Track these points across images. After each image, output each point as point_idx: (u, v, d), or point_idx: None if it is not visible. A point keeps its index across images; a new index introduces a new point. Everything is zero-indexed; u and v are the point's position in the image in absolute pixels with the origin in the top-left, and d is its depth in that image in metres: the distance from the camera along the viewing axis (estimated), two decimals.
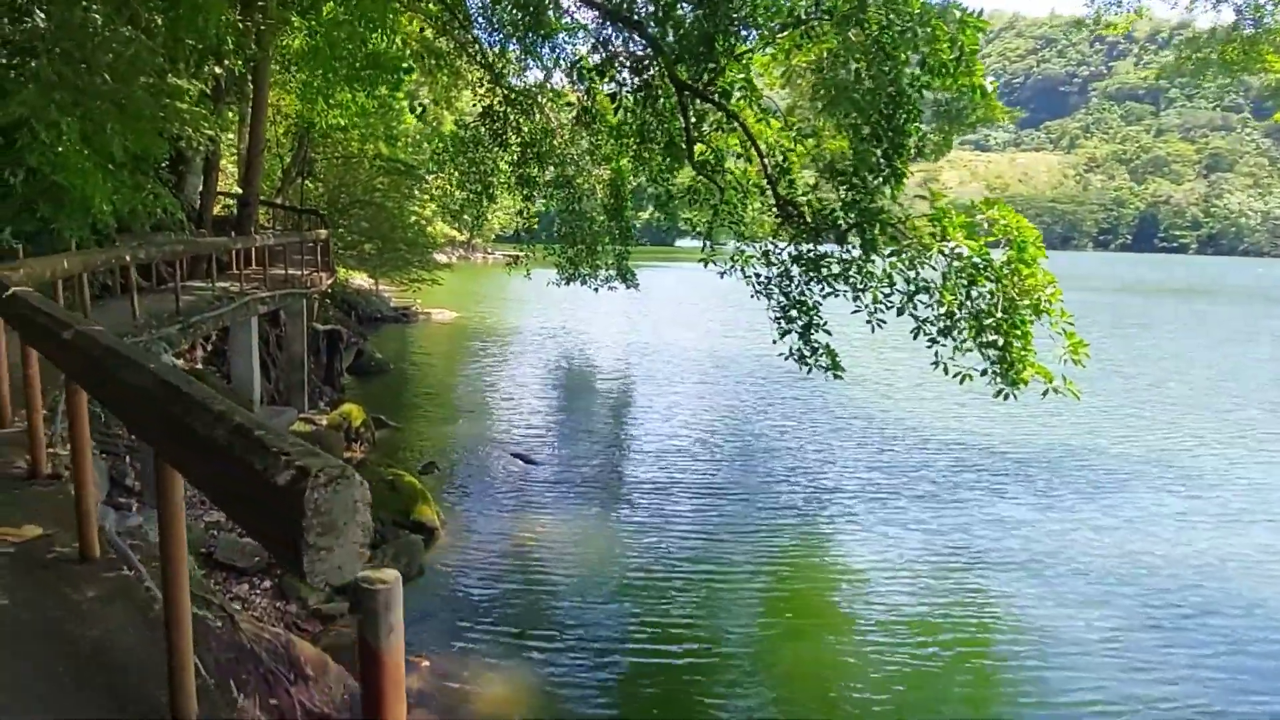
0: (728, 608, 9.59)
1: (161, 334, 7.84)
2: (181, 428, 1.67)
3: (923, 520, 12.25)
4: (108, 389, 2.20)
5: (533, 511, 11.96)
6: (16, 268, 4.89)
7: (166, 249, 9.23)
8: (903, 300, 12.35)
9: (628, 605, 9.38)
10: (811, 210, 12.81)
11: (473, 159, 27.21)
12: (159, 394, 1.81)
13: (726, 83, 13.65)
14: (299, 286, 13.00)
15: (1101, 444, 16.37)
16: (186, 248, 9.99)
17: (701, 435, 16.39)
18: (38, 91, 9.02)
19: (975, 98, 12.05)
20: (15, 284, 4.02)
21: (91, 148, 10.52)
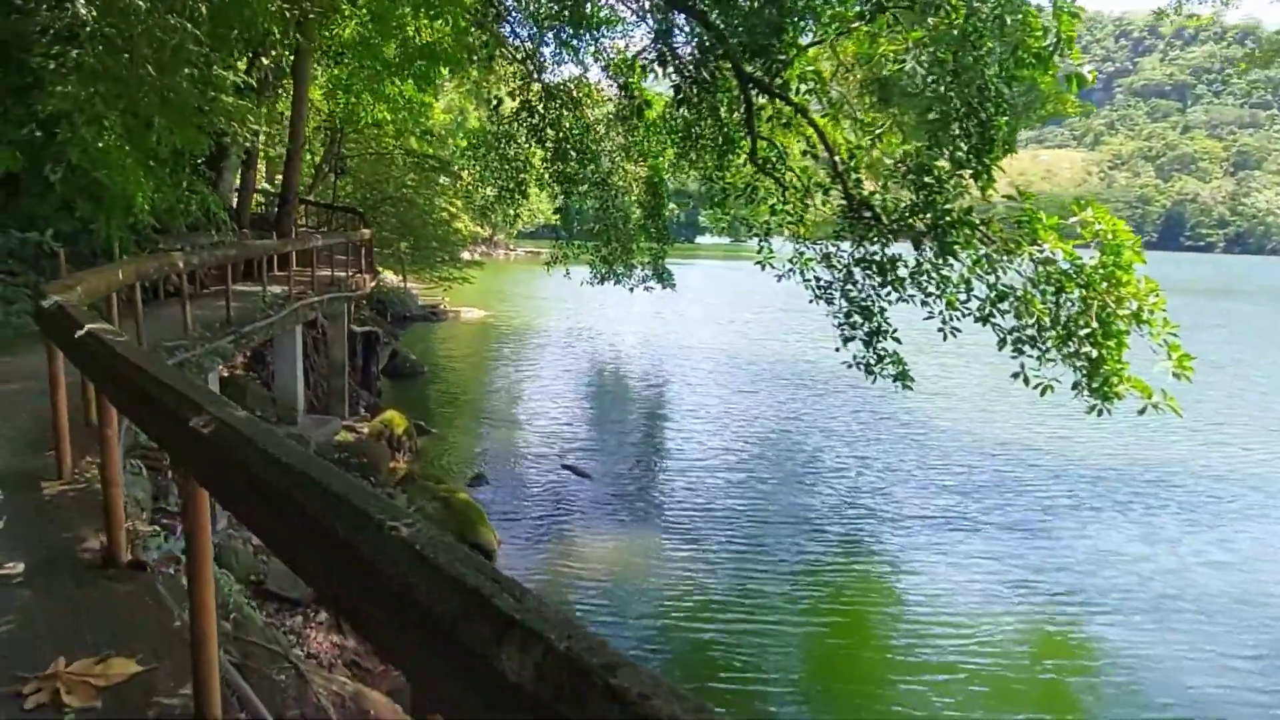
0: (792, 642, 8.92)
1: (214, 347, 7.21)
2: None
3: (1004, 549, 11.47)
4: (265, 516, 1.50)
5: (591, 532, 11.30)
6: (73, 285, 4.25)
7: (219, 254, 8.63)
8: (981, 307, 11.62)
9: (698, 636, 8.76)
10: (886, 210, 12.04)
11: (504, 155, 26.65)
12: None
13: (792, 75, 12.93)
14: (345, 289, 12.38)
15: (1193, 462, 15.36)
16: (239, 252, 9.39)
17: (754, 448, 15.67)
18: (80, 83, 8.41)
19: (1073, 88, 11.24)
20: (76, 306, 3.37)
21: (133, 143, 9.94)
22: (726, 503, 12.71)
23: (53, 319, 3.20)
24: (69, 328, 2.76)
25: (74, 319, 2.78)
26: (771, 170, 13.89)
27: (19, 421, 4.79)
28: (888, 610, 9.84)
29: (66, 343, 2.80)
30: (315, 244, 11.69)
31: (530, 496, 12.48)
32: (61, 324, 2.98)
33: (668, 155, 23.82)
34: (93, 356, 2.37)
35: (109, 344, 2.26)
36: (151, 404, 1.93)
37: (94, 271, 5.07)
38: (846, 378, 21.57)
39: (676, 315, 32.95)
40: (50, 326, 3.26)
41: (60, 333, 3.00)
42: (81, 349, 2.55)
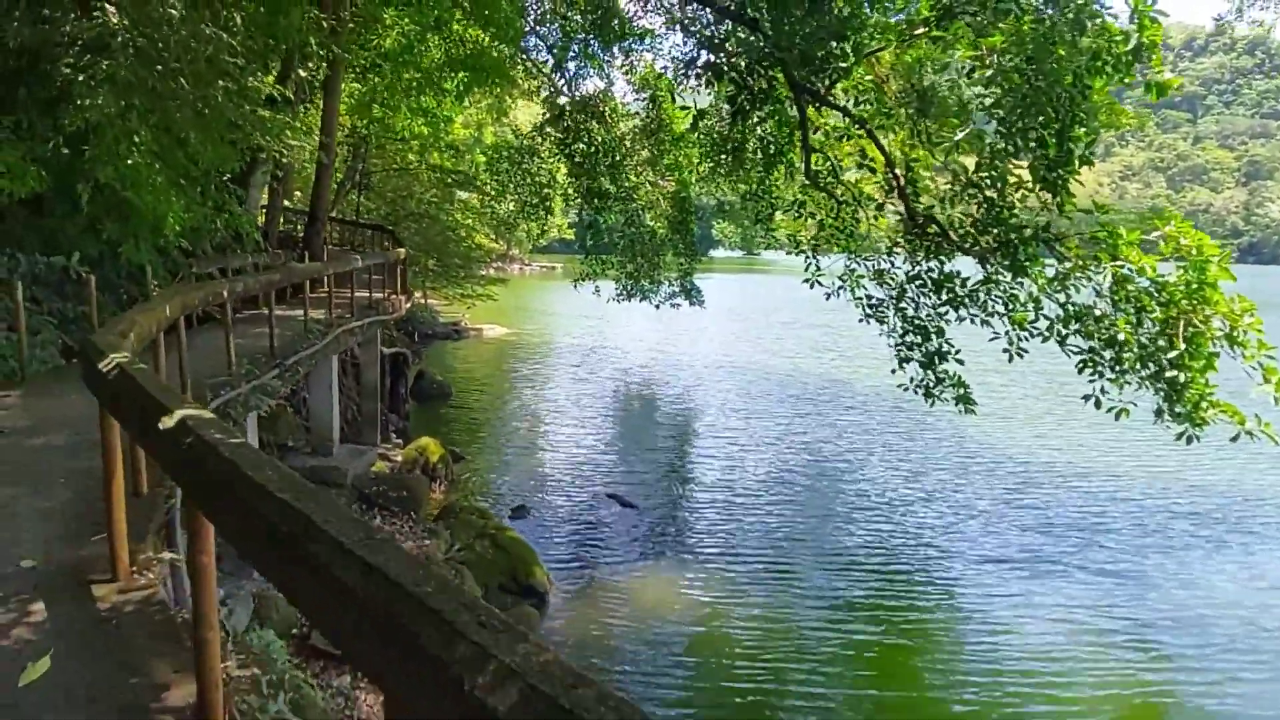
0: (852, 692, 8.21)
1: (260, 384, 6.58)
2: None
3: (1084, 594, 10.72)
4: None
5: (643, 571, 10.60)
6: (125, 331, 3.61)
7: (264, 279, 8.02)
8: (1050, 327, 10.93)
9: (757, 685, 8.08)
10: (952, 226, 11.36)
11: (527, 170, 26.16)
12: None
13: (848, 86, 12.31)
14: (382, 311, 11.77)
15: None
16: (283, 276, 8.79)
17: (803, 475, 14.95)
18: (112, 95, 7.83)
19: (1152, 96, 10.55)
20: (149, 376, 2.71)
21: (164, 159, 9.36)
22: (780, 536, 12.00)
23: (117, 392, 2.51)
24: (144, 409, 2.08)
25: (154, 401, 2.06)
26: (825, 184, 13.23)
27: (55, 492, 4.15)
28: (954, 660, 9.09)
29: (141, 427, 2.14)
30: (355, 266, 11.10)
31: (576, 531, 11.79)
32: (132, 402, 2.28)
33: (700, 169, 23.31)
34: (191, 462, 1.70)
35: (218, 449, 1.60)
36: (281, 546, 1.30)
37: (142, 310, 4.44)
38: (893, 398, 20.95)
39: (703, 331, 32.24)
40: (112, 397, 2.59)
41: (130, 413, 2.32)
42: (170, 444, 1.87)
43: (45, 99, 8.51)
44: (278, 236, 14.66)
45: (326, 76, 13.03)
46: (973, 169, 11.92)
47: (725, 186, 24.79)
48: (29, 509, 3.79)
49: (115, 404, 2.50)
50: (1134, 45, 10.25)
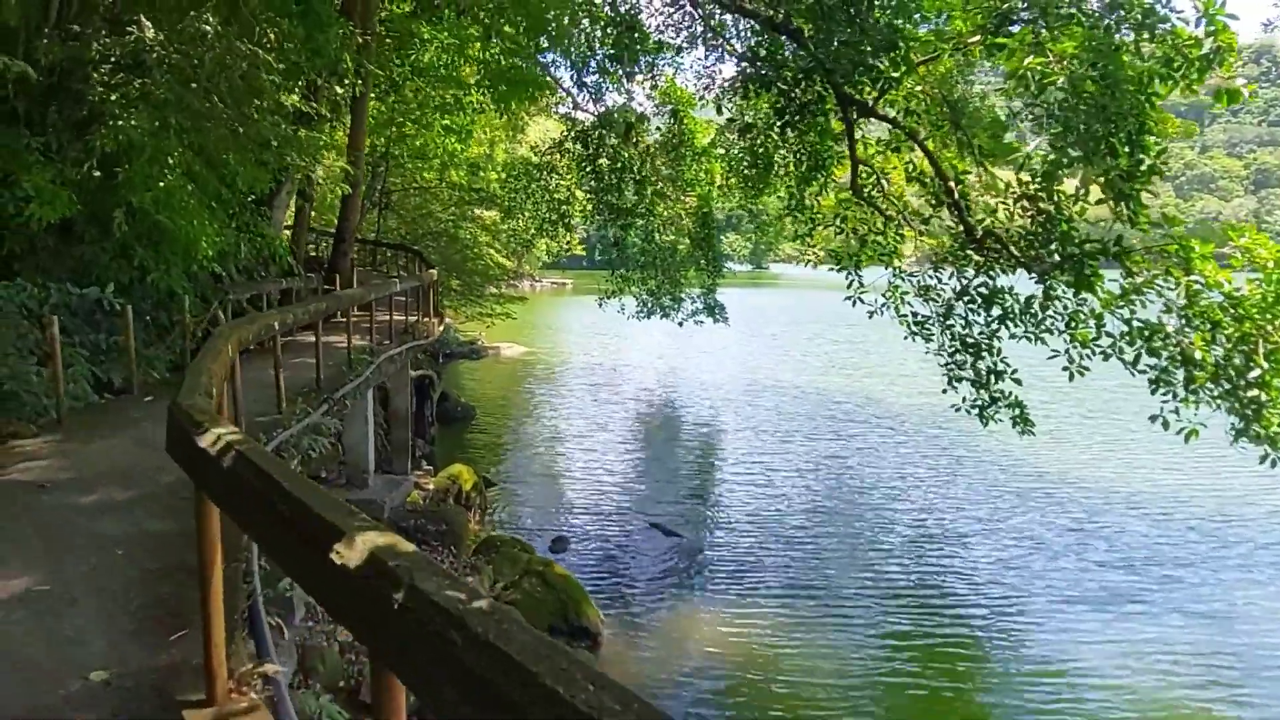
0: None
1: (312, 423, 6.12)
2: None
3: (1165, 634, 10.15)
4: None
5: (695, 606, 10.10)
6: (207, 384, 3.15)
7: (313, 308, 7.58)
8: (1114, 345, 10.47)
9: None
10: (1013, 240, 10.89)
11: (545, 186, 25.84)
12: None
13: (897, 97, 11.89)
14: (418, 335, 11.32)
15: None
16: (330, 304, 8.35)
17: (847, 500, 14.44)
18: (147, 114, 7.44)
19: (1223, 103, 10.09)
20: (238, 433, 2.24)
21: (196, 181, 8.96)
22: (831, 567, 11.50)
23: (234, 484, 1.97)
24: (290, 521, 1.55)
25: (314, 517, 1.49)
26: (870, 198, 12.79)
27: (115, 567, 3.57)
28: (1018, 702, 8.54)
29: (282, 543, 1.63)
30: (395, 289, 10.67)
31: (621, 563, 11.29)
32: (263, 504, 1.72)
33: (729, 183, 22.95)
34: (407, 628, 1.19)
35: (449, 611, 1.12)
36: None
37: (212, 357, 3.99)
38: (932, 417, 20.40)
39: (724, 348, 31.71)
40: (226, 488, 2.05)
41: (261, 518, 1.75)
42: (356, 588, 1.32)
43: (76, 120, 8.12)
44: (304, 258, 14.25)
45: (355, 93, 12.66)
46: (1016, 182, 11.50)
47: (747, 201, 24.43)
48: (87, 591, 3.29)
49: (231, 498, 2.01)
50: (1207, 51, 9.81)
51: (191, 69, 7.96)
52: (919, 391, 24.30)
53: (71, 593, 3.28)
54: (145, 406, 6.92)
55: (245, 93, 8.61)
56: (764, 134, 13.81)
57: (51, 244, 8.65)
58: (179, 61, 7.78)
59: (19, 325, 7.07)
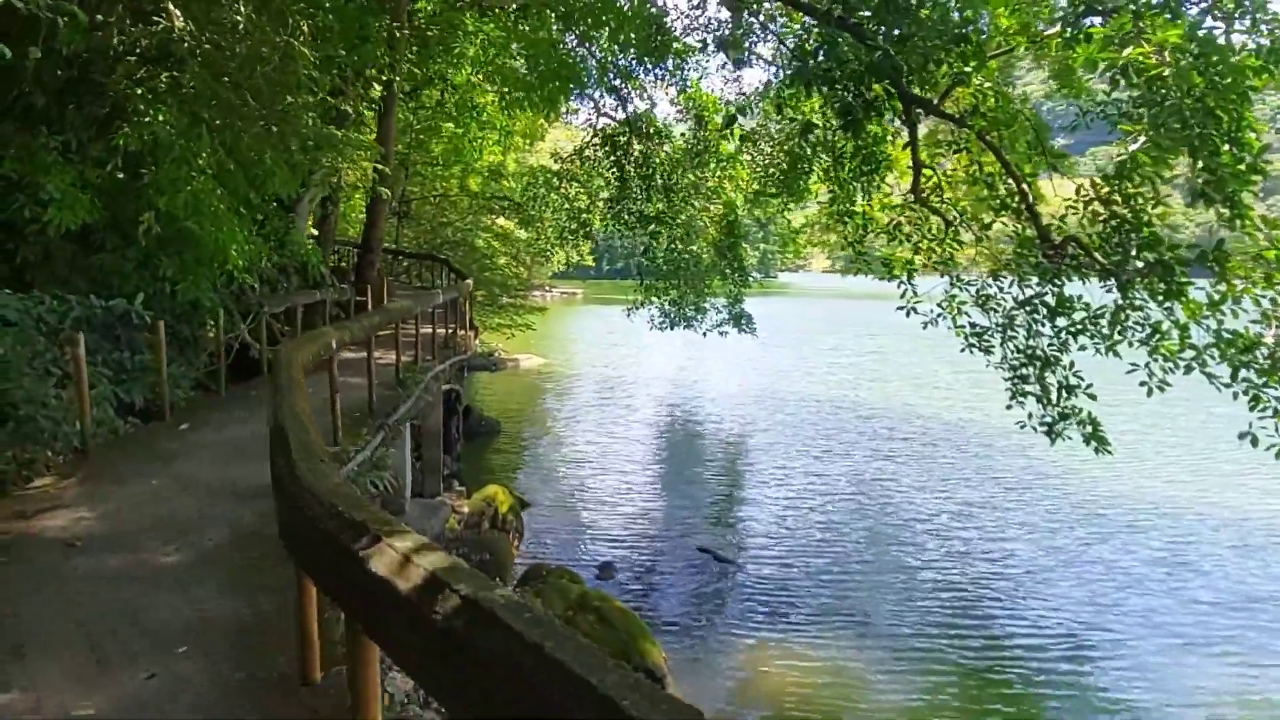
0: None
1: (373, 457, 5.42)
2: None
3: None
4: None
5: (761, 639, 9.34)
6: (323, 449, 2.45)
7: (366, 324, 6.89)
8: (1197, 357, 9.72)
9: None
10: (1095, 247, 10.15)
11: (565, 194, 25.25)
12: None
13: (966, 94, 11.18)
14: (458, 350, 10.63)
15: None
16: (383, 318, 7.66)
17: (906, 523, 13.65)
18: (179, 109, 6.76)
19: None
20: (420, 541, 1.53)
21: (225, 185, 8.29)
22: (897, 596, 10.73)
23: (446, 640, 1.27)
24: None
25: None
26: (932, 203, 12.07)
27: (189, 689, 2.80)
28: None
29: None
30: (438, 302, 9.99)
31: (675, 593, 10.53)
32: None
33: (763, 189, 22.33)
34: None
35: None
36: None
37: (297, 393, 3.30)
38: (980, 432, 19.60)
39: (749, 359, 30.95)
40: (428, 647, 1.33)
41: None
42: None
43: (97, 117, 7.45)
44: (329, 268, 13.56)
45: (383, 94, 12.00)
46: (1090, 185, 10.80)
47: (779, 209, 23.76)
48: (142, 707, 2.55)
49: (432, 657, 1.30)
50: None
51: (223, 61, 7.28)
52: (960, 404, 23.55)
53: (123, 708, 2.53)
54: (179, 437, 6.22)
55: (279, 88, 7.93)
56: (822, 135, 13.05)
57: (69, 252, 7.97)
58: (211, 53, 7.09)
59: (35, 342, 6.38)
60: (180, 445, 6.03)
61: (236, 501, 4.98)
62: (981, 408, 22.80)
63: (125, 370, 7.24)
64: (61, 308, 6.69)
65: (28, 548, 3.89)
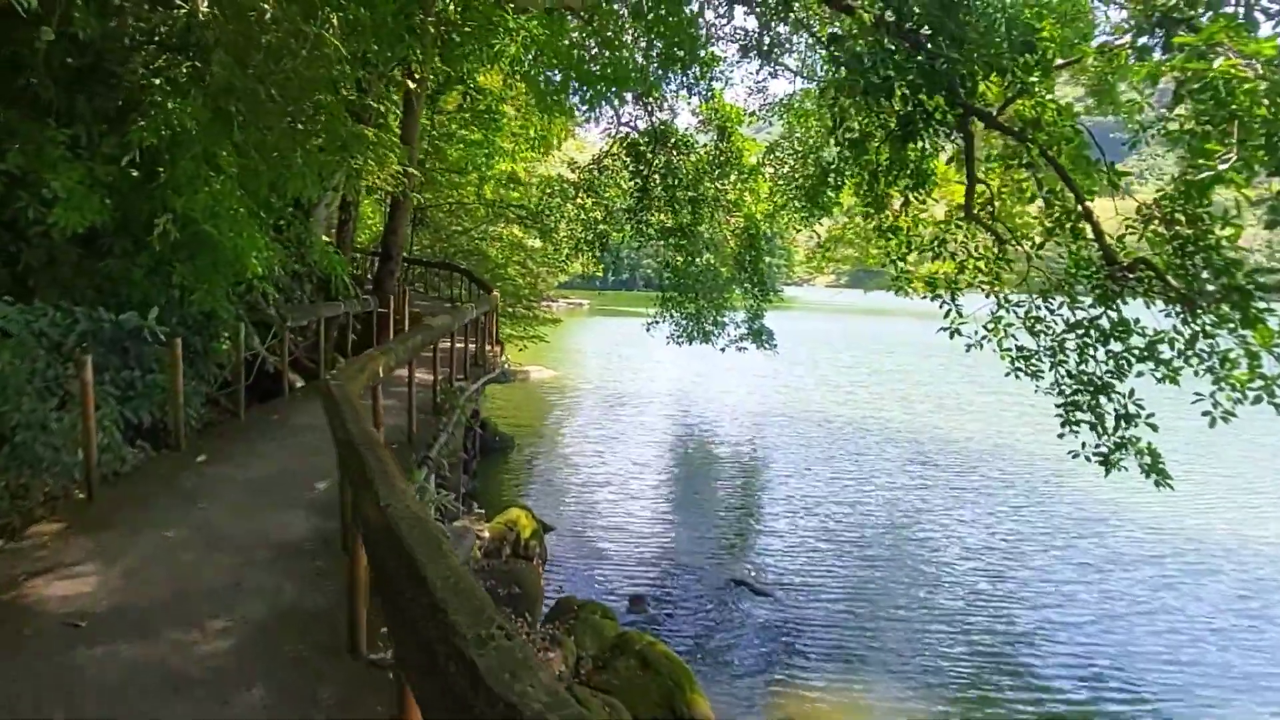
0: None
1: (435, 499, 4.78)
2: None
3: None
4: None
5: (813, 684, 8.65)
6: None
7: (411, 344, 6.26)
8: (1267, 386, 9.12)
9: None
10: (1170, 270, 9.52)
11: (583, 204, 24.74)
12: None
13: (1028, 106, 10.58)
14: (489, 368, 10.00)
15: None
16: (425, 337, 7.02)
17: (945, 550, 12.98)
18: (203, 102, 6.14)
19: None
20: None
21: (245, 186, 7.67)
22: (946, 633, 10.05)
23: None
24: None
25: None
26: (985, 220, 11.46)
27: None
28: None
29: None
30: (471, 316, 9.35)
31: (714, 630, 9.84)
32: None
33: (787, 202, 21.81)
34: None
35: None
36: None
37: (378, 451, 2.67)
38: (1021, 459, 18.87)
39: (767, 376, 30.30)
40: None
41: None
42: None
43: (110, 110, 6.83)
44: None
45: (406, 94, 11.38)
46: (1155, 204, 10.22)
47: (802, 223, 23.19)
48: None
49: None
50: None
51: (250, 52, 6.66)
52: (992, 427, 22.88)
53: None
54: (197, 471, 5.53)
55: (308, 83, 7.32)
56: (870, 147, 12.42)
57: (74, 257, 7.33)
58: (237, 42, 6.48)
59: (35, 358, 5.73)
60: (199, 482, 5.34)
61: (274, 563, 4.32)
62: (1014, 431, 22.18)
63: (133, 389, 6.58)
64: (65, 321, 6.05)
65: (18, 627, 3.17)
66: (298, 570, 4.15)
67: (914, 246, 12.82)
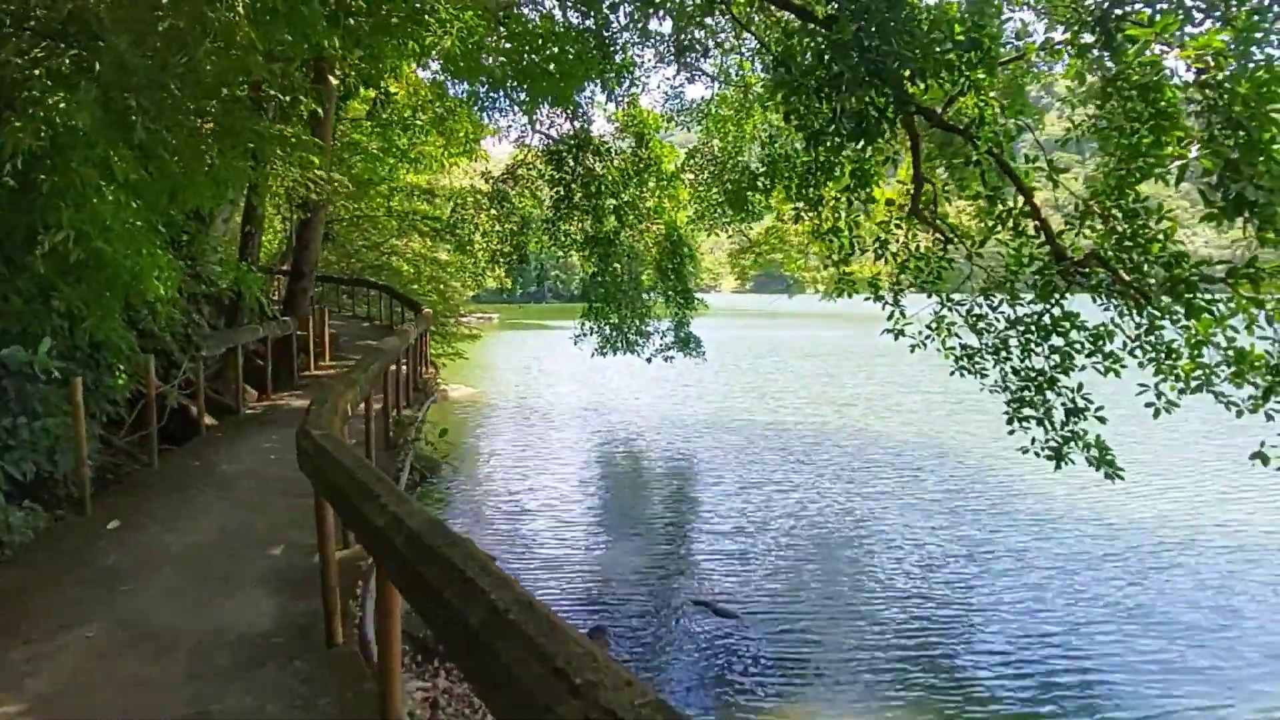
0: None
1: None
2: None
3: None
4: None
5: (793, 707, 8.16)
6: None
7: (373, 371, 5.41)
8: (1207, 375, 9.32)
9: None
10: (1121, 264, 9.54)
11: (498, 216, 24.01)
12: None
13: (970, 104, 10.49)
14: (429, 392, 9.14)
15: None
16: (382, 363, 6.12)
17: (914, 558, 12.77)
18: (95, 96, 5.18)
19: None
20: None
21: (144, 197, 6.68)
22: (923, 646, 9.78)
23: None
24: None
25: None
26: (931, 220, 11.33)
27: None
28: None
29: None
30: (413, 337, 8.47)
31: (682, 658, 9.24)
32: None
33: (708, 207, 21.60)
34: None
35: None
36: None
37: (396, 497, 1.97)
38: (963, 458, 18.91)
39: (695, 384, 29.98)
40: None
41: None
42: None
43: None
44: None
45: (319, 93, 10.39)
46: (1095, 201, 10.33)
47: (724, 226, 23.04)
48: None
49: None
50: None
51: (148, 37, 5.73)
52: (929, 426, 23.13)
53: None
54: (115, 540, 4.47)
55: (215, 76, 6.40)
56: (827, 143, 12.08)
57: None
58: (130, 25, 5.54)
59: None
60: (119, 556, 4.24)
61: (242, 672, 3.38)
62: (949, 430, 22.51)
63: (14, 437, 5.51)
64: None
65: None
66: (274, 681, 3.25)
67: (856, 248, 12.63)
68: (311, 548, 3.84)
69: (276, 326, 9.37)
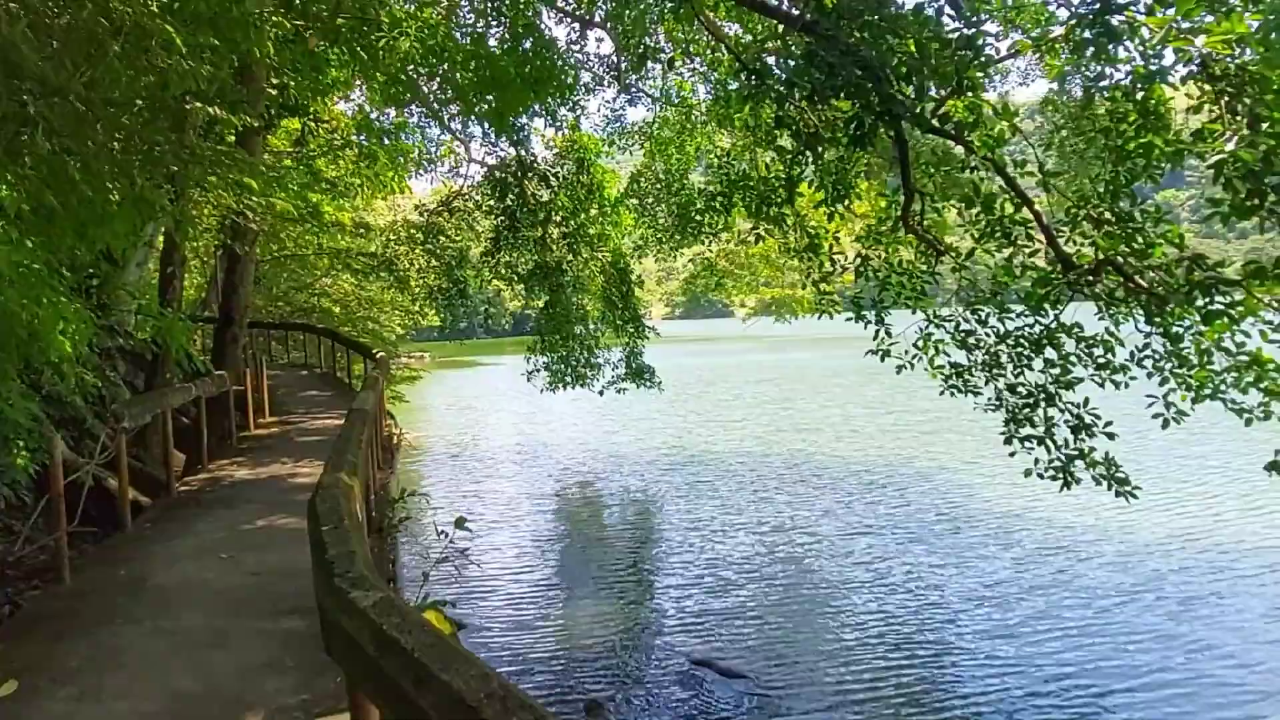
0: None
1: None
2: None
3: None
4: None
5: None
6: None
7: (362, 441, 4.21)
8: (1218, 383, 8.97)
9: None
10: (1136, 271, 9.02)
11: (432, 250, 22.91)
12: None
13: (961, 107, 9.94)
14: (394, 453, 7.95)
15: None
16: (370, 426, 4.92)
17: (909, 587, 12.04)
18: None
19: None
20: None
21: (42, 235, 5.46)
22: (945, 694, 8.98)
23: None
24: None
25: None
26: (923, 232, 10.71)
27: None
28: None
29: None
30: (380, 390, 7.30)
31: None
32: None
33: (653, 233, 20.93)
34: None
35: None
36: None
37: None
38: (942, 480, 18.28)
39: (650, 417, 29.02)
40: None
41: None
42: None
43: None
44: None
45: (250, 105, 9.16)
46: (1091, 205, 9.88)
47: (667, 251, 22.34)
48: None
49: None
50: None
51: (40, 37, 4.57)
52: (904, 449, 22.63)
53: None
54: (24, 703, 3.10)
55: (128, 88, 5.24)
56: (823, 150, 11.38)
57: None
58: (23, 16, 4.37)
59: None
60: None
61: None
62: (927, 451, 22.10)
63: None
64: None
65: None
66: None
67: (836, 265, 11.95)
68: (304, 707, 2.69)
69: (210, 383, 8.03)
